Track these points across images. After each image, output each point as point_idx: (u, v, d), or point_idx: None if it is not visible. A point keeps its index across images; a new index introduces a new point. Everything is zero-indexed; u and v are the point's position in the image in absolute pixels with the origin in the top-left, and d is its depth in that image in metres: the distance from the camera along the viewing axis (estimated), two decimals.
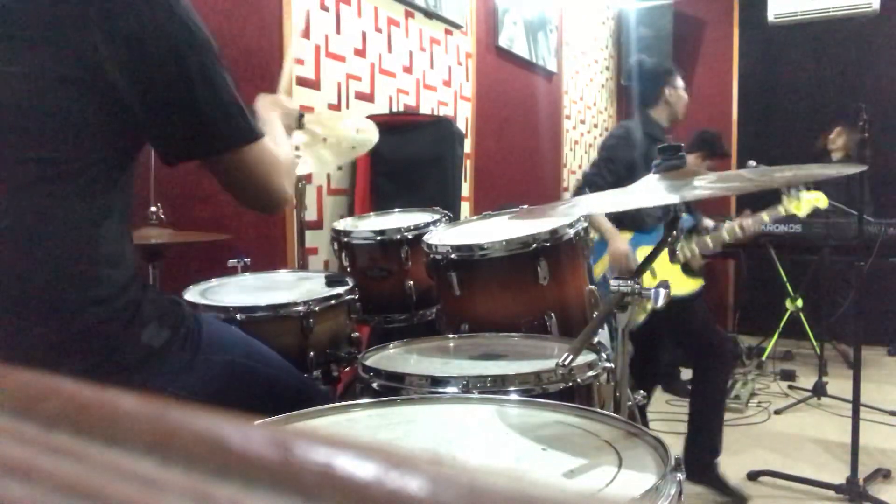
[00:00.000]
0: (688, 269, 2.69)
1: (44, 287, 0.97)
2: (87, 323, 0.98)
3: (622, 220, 2.66)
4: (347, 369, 1.71)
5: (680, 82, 2.83)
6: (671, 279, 2.63)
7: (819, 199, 3.02)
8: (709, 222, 3.00)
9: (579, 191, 2.76)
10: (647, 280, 1.17)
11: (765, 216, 2.92)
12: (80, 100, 0.95)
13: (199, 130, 1.02)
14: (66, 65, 0.94)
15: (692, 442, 2.59)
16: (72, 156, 0.97)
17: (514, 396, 1.08)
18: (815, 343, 4.24)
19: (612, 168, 2.67)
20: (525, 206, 1.77)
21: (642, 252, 2.62)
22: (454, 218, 2.10)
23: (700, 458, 2.55)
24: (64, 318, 0.97)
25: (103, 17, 0.94)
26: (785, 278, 4.35)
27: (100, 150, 0.98)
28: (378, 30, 2.97)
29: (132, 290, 1.03)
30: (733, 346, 2.63)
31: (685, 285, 2.65)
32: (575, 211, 1.58)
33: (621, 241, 2.64)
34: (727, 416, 3.35)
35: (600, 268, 2.70)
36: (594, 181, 2.65)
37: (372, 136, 1.95)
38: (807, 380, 3.92)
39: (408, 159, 2.71)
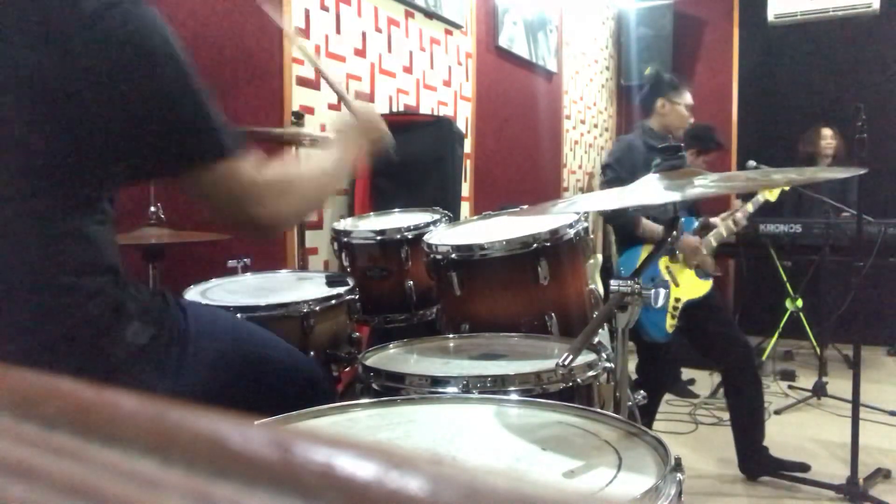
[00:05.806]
0: (701, 273, 2.74)
1: (13, 298, 0.96)
2: (66, 328, 0.96)
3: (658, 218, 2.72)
4: (347, 369, 1.71)
5: (682, 97, 2.92)
6: (687, 284, 2.70)
7: None
8: (716, 220, 3.03)
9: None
10: (674, 290, 1.17)
11: (749, 207, 3.15)
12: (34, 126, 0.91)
13: (175, 143, 0.97)
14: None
15: (743, 443, 2.68)
16: (24, 183, 0.93)
17: (514, 396, 1.08)
18: (815, 343, 4.24)
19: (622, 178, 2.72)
20: (525, 206, 1.77)
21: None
22: (454, 218, 2.10)
23: (756, 454, 2.66)
24: (42, 325, 0.96)
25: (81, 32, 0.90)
26: (785, 278, 4.34)
27: (57, 178, 0.94)
28: (378, 30, 2.97)
29: (110, 290, 1.01)
30: (744, 348, 2.71)
31: (700, 288, 2.72)
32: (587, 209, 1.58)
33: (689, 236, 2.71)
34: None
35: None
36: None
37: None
38: (807, 380, 3.92)
39: (408, 159, 2.70)
